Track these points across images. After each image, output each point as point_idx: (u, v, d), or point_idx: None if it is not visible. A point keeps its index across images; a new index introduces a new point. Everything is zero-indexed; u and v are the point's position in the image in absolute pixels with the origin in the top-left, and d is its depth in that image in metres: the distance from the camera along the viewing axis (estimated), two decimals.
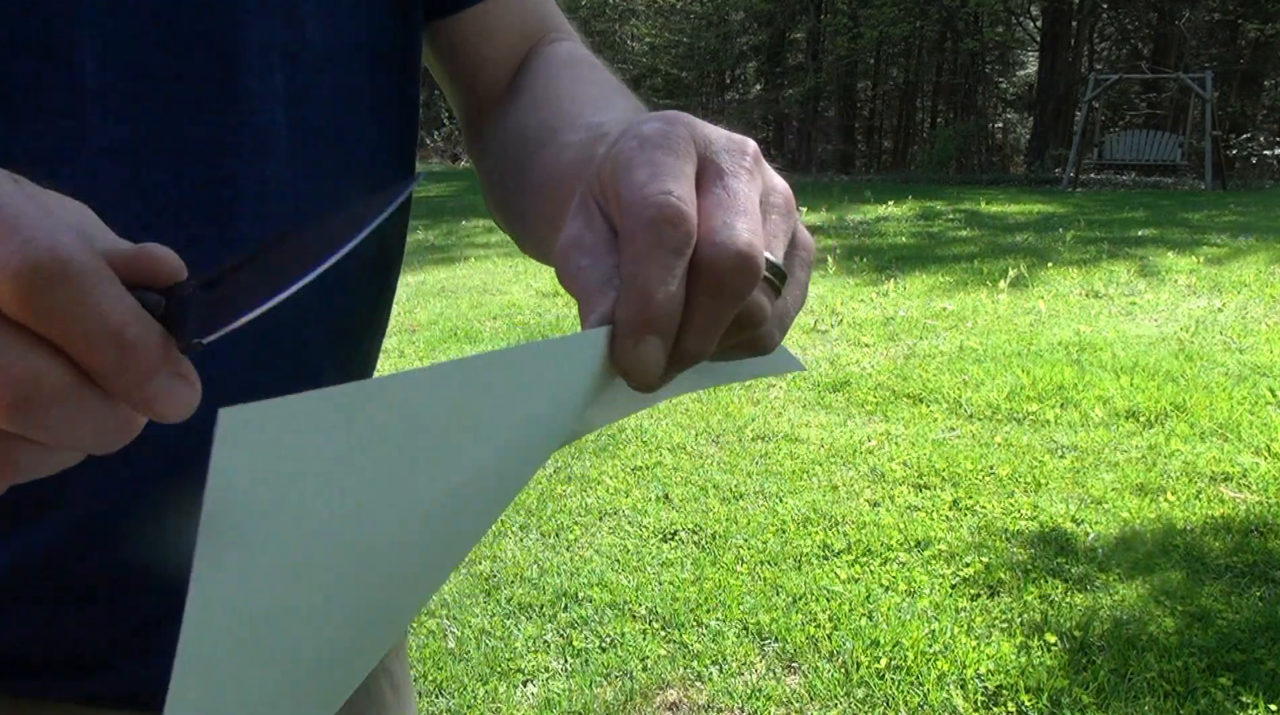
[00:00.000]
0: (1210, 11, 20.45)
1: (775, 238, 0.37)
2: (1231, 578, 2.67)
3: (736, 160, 0.37)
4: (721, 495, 3.28)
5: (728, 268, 0.33)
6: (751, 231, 0.34)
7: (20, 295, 0.25)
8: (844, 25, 21.52)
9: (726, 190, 0.35)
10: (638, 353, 0.33)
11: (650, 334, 0.33)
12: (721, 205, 0.35)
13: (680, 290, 0.33)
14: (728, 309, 0.34)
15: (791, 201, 0.39)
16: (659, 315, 0.33)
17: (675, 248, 0.33)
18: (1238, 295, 6.15)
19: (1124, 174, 16.54)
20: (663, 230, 0.33)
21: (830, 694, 2.19)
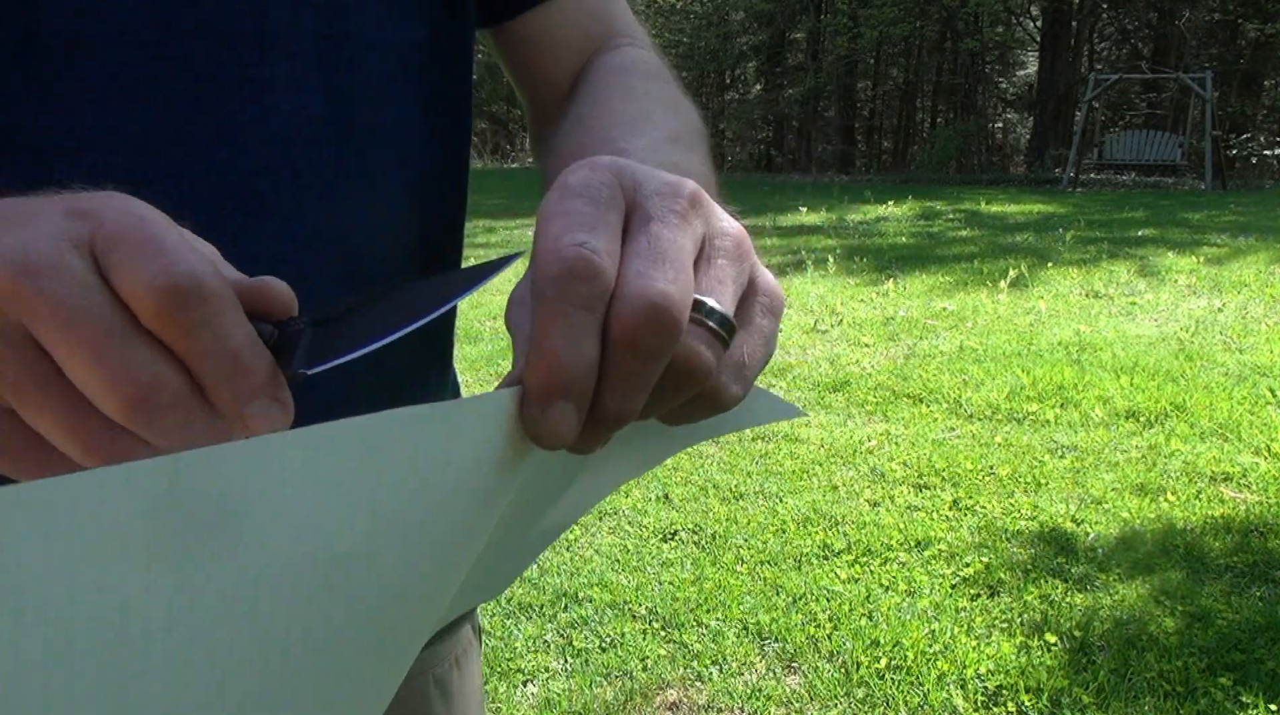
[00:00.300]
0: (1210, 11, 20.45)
1: (721, 284, 0.34)
2: (1231, 578, 2.67)
3: (666, 204, 0.34)
4: (721, 495, 3.28)
5: (637, 322, 0.31)
6: (670, 280, 0.31)
7: (159, 309, 0.28)
8: (844, 25, 21.53)
9: (649, 236, 0.33)
10: (545, 418, 0.31)
11: (559, 399, 0.31)
12: (639, 254, 0.32)
13: (592, 350, 0.31)
14: (647, 366, 0.31)
15: (744, 245, 0.36)
16: (566, 379, 0.30)
17: (584, 303, 0.31)
18: (1238, 295, 6.15)
19: (1124, 174, 16.55)
20: (569, 285, 0.31)
21: (830, 694, 2.19)
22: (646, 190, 0.35)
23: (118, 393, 0.28)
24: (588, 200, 0.33)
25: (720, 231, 0.36)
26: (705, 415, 0.36)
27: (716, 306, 0.33)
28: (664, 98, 0.59)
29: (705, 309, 0.33)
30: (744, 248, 0.36)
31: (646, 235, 0.33)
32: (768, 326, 0.36)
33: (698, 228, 0.35)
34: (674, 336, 0.31)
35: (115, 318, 0.29)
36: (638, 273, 0.32)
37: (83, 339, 0.28)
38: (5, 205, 0.32)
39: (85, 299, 0.28)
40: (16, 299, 0.28)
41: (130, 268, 0.29)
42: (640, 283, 0.31)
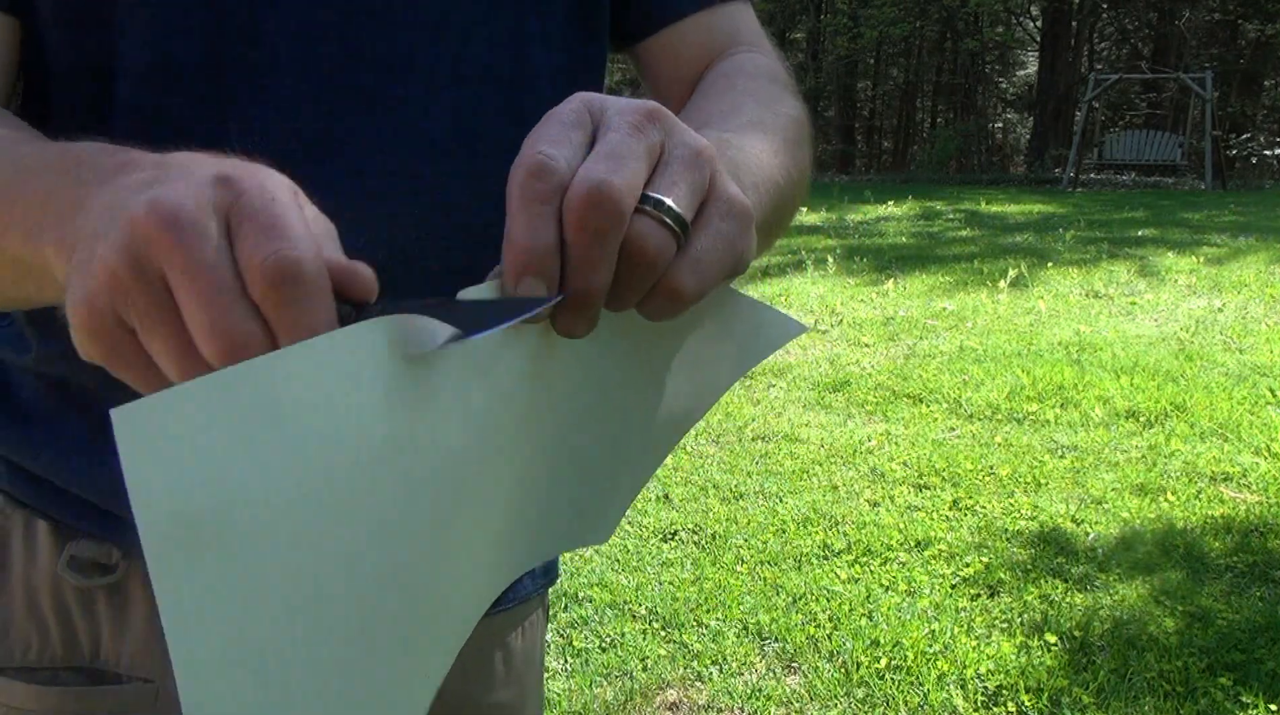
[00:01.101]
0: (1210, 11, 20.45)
1: (675, 185, 0.39)
2: (1231, 578, 2.67)
3: (624, 118, 0.39)
4: (721, 495, 3.28)
5: (581, 203, 0.36)
6: (611, 171, 0.37)
7: (263, 284, 0.33)
8: (844, 25, 21.52)
9: (603, 141, 0.38)
10: (517, 291, 0.37)
11: (527, 275, 0.37)
12: (593, 156, 0.38)
13: (549, 233, 0.37)
14: (598, 244, 0.36)
15: (704, 155, 0.40)
16: (530, 258, 0.36)
17: (540, 197, 0.37)
18: (1238, 295, 6.15)
19: (1124, 174, 16.54)
20: (527, 183, 0.37)
21: (830, 694, 2.19)
22: (610, 112, 0.40)
23: (215, 340, 0.33)
24: (555, 122, 0.39)
25: (679, 142, 0.40)
26: (669, 308, 0.40)
27: (666, 199, 0.38)
28: (759, 93, 0.64)
29: (654, 201, 0.38)
30: (703, 157, 0.40)
31: (602, 141, 0.39)
32: (726, 229, 0.40)
33: (653, 135, 0.39)
34: (615, 214, 0.36)
35: (230, 279, 0.33)
36: (587, 168, 0.37)
37: (200, 291, 0.33)
38: (175, 158, 0.39)
39: (211, 258, 0.33)
40: (160, 245, 0.33)
41: (252, 242, 0.33)
42: (586, 173, 0.37)
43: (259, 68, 0.55)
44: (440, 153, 0.59)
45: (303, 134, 0.56)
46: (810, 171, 0.64)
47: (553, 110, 0.40)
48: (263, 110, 0.56)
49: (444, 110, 0.59)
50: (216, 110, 0.55)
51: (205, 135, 0.54)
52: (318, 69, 0.56)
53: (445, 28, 0.59)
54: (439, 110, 0.59)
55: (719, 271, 0.40)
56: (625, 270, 0.38)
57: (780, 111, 0.62)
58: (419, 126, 0.59)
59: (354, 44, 0.57)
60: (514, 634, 0.79)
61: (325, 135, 0.57)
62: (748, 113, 0.60)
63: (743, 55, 0.71)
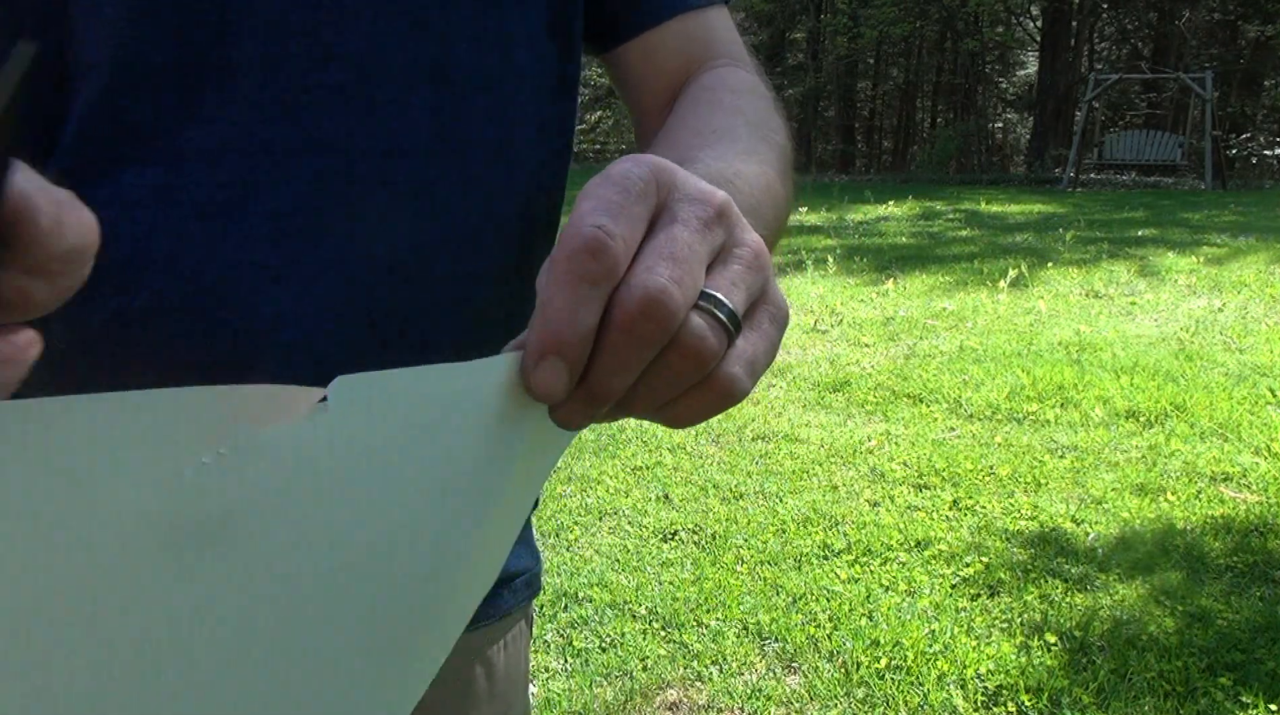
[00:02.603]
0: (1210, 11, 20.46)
1: (734, 286, 0.37)
2: (1231, 578, 2.67)
3: (692, 210, 0.37)
4: (721, 495, 3.28)
5: (635, 308, 0.34)
6: (674, 278, 0.34)
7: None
8: (844, 25, 21.53)
9: (667, 235, 0.36)
10: (537, 372, 0.34)
11: (552, 355, 0.34)
12: (654, 249, 0.35)
13: (589, 318, 0.34)
14: (638, 351, 0.34)
15: (762, 258, 0.39)
16: (561, 339, 0.34)
17: (590, 278, 0.34)
18: (1238, 295, 6.15)
19: (1124, 174, 16.55)
20: (580, 258, 0.34)
21: (830, 694, 2.19)
22: (679, 194, 0.37)
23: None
24: (620, 189, 0.36)
25: (741, 242, 0.38)
26: (712, 409, 0.38)
27: (725, 300, 0.36)
28: (748, 111, 0.63)
29: (714, 301, 0.36)
30: (762, 261, 0.39)
31: (667, 234, 0.36)
32: (772, 333, 0.39)
33: (718, 235, 0.37)
34: (667, 328, 0.34)
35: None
36: (647, 267, 0.35)
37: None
38: None
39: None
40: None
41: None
42: (645, 276, 0.34)
43: (226, 67, 0.53)
44: (418, 155, 0.57)
45: (270, 135, 0.54)
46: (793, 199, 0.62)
47: (617, 170, 0.37)
48: (229, 111, 0.53)
49: (421, 111, 0.57)
50: (180, 112, 0.53)
51: (166, 137, 0.53)
52: (287, 68, 0.54)
53: (423, 27, 0.57)
54: (416, 111, 0.57)
55: (763, 372, 0.39)
56: (672, 364, 0.36)
57: (772, 140, 0.61)
58: (394, 128, 0.56)
59: (326, 42, 0.54)
60: (495, 649, 0.76)
61: (294, 137, 0.54)
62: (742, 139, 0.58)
63: (726, 69, 0.70)
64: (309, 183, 0.55)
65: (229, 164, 0.53)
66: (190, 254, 0.53)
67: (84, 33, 0.52)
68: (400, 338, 0.58)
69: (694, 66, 0.70)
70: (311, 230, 0.55)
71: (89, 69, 0.52)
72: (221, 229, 0.53)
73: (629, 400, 0.37)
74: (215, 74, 0.53)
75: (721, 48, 0.72)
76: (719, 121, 0.61)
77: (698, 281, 0.36)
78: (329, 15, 0.54)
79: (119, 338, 0.54)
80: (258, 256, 0.54)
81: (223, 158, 0.53)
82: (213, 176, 0.53)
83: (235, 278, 0.54)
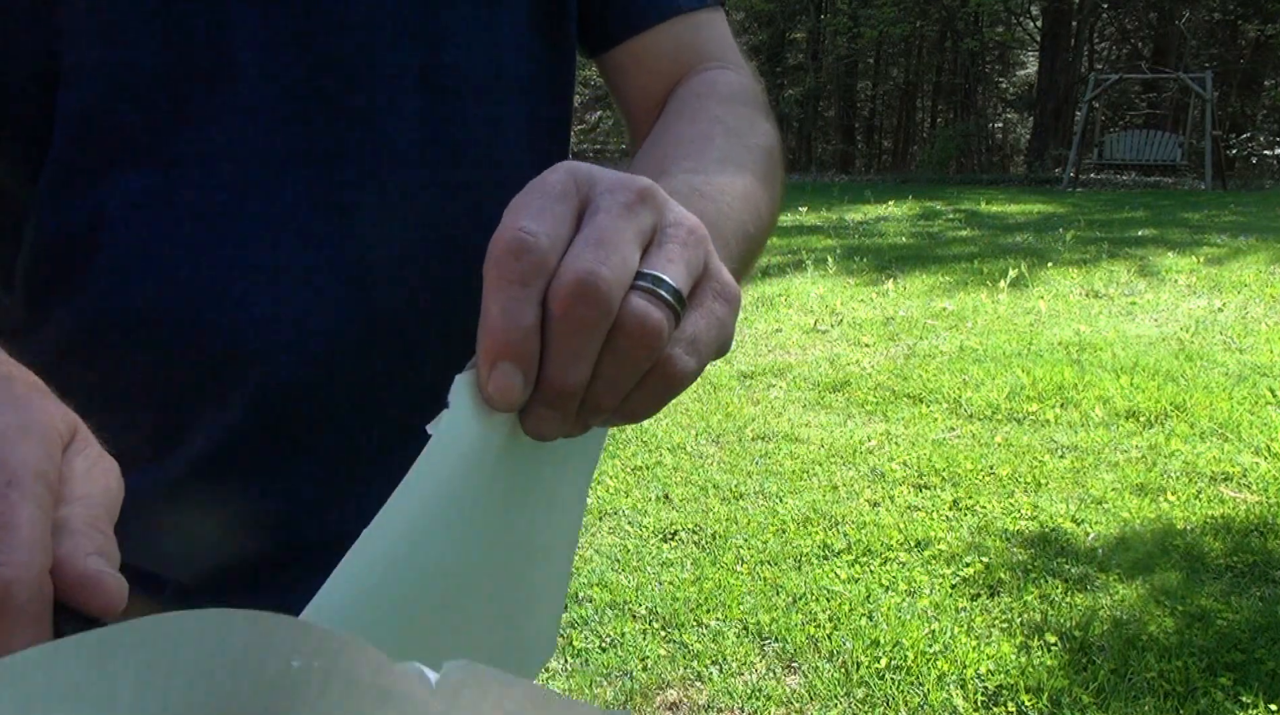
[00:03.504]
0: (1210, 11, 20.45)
1: (671, 262, 0.37)
2: (1231, 578, 2.67)
3: (614, 197, 0.37)
4: (721, 495, 3.28)
5: (567, 294, 0.34)
6: (601, 260, 0.35)
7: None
8: (844, 25, 21.52)
9: (591, 224, 0.36)
10: (492, 379, 0.35)
11: (501, 360, 0.35)
12: (580, 239, 0.36)
13: (527, 318, 0.35)
14: (581, 337, 0.35)
15: (697, 234, 0.39)
16: (504, 342, 0.34)
17: (519, 278, 0.34)
18: (1238, 295, 6.15)
19: (1124, 174, 16.54)
20: (506, 262, 0.35)
21: (830, 694, 2.19)
22: (599, 188, 0.38)
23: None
24: (539, 194, 0.37)
25: (673, 221, 0.39)
26: (662, 395, 0.38)
27: (665, 277, 0.37)
28: (728, 120, 0.63)
29: (652, 278, 0.36)
30: (697, 237, 0.39)
31: (591, 224, 0.36)
32: (719, 310, 0.39)
33: (645, 218, 0.38)
34: (603, 307, 0.35)
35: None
36: (575, 255, 0.35)
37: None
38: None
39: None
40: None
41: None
42: (573, 263, 0.35)
43: (217, 74, 0.53)
44: (408, 163, 0.57)
45: (264, 141, 0.54)
46: (781, 200, 0.62)
47: (536, 179, 0.38)
48: (223, 116, 0.53)
49: (410, 119, 0.57)
50: (170, 120, 0.52)
51: (156, 146, 0.53)
52: (278, 76, 0.54)
53: (411, 34, 0.57)
54: (404, 119, 0.57)
55: (711, 353, 0.39)
56: (624, 351, 0.36)
57: (752, 144, 0.61)
58: (383, 136, 0.56)
59: (317, 50, 0.54)
60: None
61: (287, 142, 0.54)
62: (718, 147, 0.58)
63: (714, 73, 0.70)
64: (302, 187, 0.55)
65: (223, 168, 0.53)
66: (185, 258, 0.53)
67: (73, 34, 0.51)
68: (393, 340, 0.58)
69: (685, 69, 0.70)
70: (305, 234, 0.55)
71: (80, 70, 0.52)
72: (216, 233, 0.53)
73: (592, 399, 0.37)
74: (208, 79, 0.53)
75: (713, 50, 0.72)
76: (698, 130, 0.61)
77: (628, 261, 0.36)
78: (321, 23, 0.54)
79: (114, 340, 0.54)
80: (252, 260, 0.54)
81: (217, 162, 0.53)
82: (207, 181, 0.53)
83: (230, 281, 0.54)
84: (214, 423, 0.56)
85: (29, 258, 0.55)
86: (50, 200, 0.53)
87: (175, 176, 0.53)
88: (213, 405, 0.56)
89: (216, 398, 0.56)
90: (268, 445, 0.57)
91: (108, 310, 0.54)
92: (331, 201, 0.55)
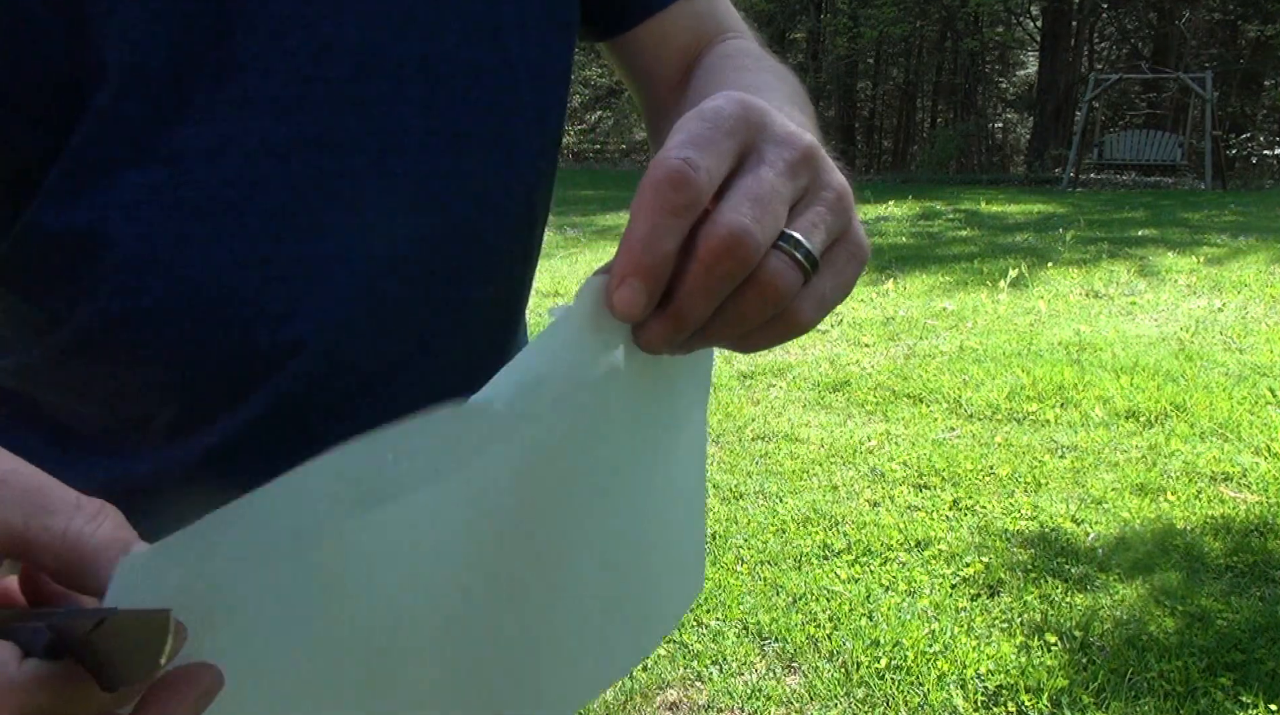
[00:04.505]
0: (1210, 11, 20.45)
1: (815, 227, 0.39)
2: (1231, 578, 2.67)
3: (778, 152, 0.38)
4: (721, 495, 3.28)
5: (716, 245, 0.36)
6: (754, 218, 0.36)
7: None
8: (844, 25, 21.51)
9: (753, 175, 0.37)
10: (619, 292, 0.37)
11: (632, 277, 0.36)
12: (739, 188, 0.37)
13: (668, 245, 0.36)
14: (718, 283, 0.36)
15: (845, 201, 0.41)
16: (642, 263, 0.36)
17: (673, 208, 0.36)
18: (1238, 295, 6.15)
19: (1124, 174, 16.54)
20: (664, 189, 0.36)
21: (830, 694, 2.19)
22: (767, 135, 0.39)
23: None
24: (710, 125, 0.37)
25: (825, 184, 0.40)
26: (779, 338, 0.40)
27: (804, 241, 0.38)
28: (774, 70, 0.65)
29: (793, 242, 0.38)
30: (845, 203, 0.41)
31: (754, 174, 0.38)
32: (848, 272, 0.42)
33: (802, 178, 0.39)
34: (745, 265, 0.36)
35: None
36: (730, 204, 0.37)
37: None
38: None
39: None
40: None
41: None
42: (730, 214, 0.36)
43: (225, 65, 0.52)
44: (414, 149, 0.57)
45: (269, 133, 0.53)
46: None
47: (710, 104, 0.38)
48: (228, 110, 0.53)
49: (413, 106, 0.57)
50: (179, 112, 0.52)
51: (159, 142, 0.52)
52: (285, 63, 0.53)
53: (412, 21, 0.56)
54: (408, 106, 0.57)
55: (834, 307, 0.41)
56: (750, 300, 0.38)
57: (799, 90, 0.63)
58: (388, 122, 0.56)
59: (324, 35, 0.54)
60: None
61: (292, 134, 0.54)
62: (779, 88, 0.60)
63: (734, 41, 0.71)
64: (308, 179, 0.54)
65: (229, 162, 0.53)
66: (192, 253, 0.53)
67: (99, 36, 0.51)
68: (405, 328, 0.58)
69: (704, 42, 0.71)
70: (312, 226, 0.55)
71: (103, 71, 0.52)
72: (223, 227, 0.53)
73: (709, 329, 0.39)
74: (213, 73, 0.52)
75: (727, 23, 0.73)
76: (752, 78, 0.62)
77: (779, 222, 0.38)
78: (324, 9, 0.54)
79: (124, 339, 0.54)
80: (259, 254, 0.54)
81: (222, 156, 0.53)
82: (213, 175, 0.53)
83: (238, 277, 0.54)
84: (229, 417, 0.56)
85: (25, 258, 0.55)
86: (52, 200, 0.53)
87: (179, 172, 0.53)
88: (227, 400, 0.56)
89: (231, 393, 0.56)
90: (282, 437, 0.57)
91: (117, 312, 0.53)
92: (337, 192, 0.55)
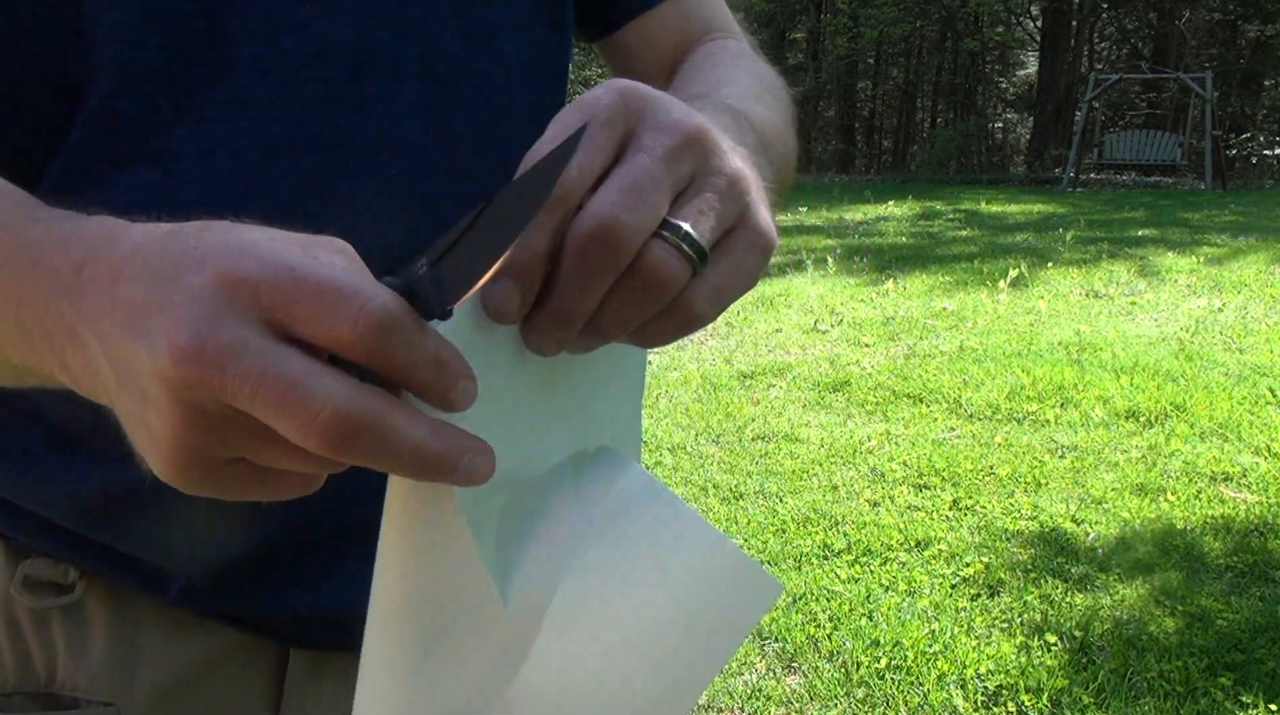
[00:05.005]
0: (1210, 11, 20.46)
1: (702, 214, 0.37)
2: (1231, 578, 2.67)
3: (658, 138, 0.37)
4: (721, 495, 3.28)
5: (587, 237, 0.35)
6: (625, 207, 0.35)
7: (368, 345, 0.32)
8: (844, 25, 21.51)
9: (629, 164, 0.36)
10: (490, 291, 0.36)
11: (504, 278, 0.36)
12: (614, 178, 0.36)
13: (540, 244, 0.36)
14: (593, 276, 0.36)
15: (739, 186, 0.39)
16: (511, 261, 0.36)
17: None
18: (1238, 295, 6.15)
19: (1124, 174, 16.54)
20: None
21: (830, 694, 2.19)
22: (649, 122, 0.38)
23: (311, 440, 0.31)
24: (583, 115, 0.37)
25: (714, 169, 0.38)
26: (673, 333, 0.39)
27: (690, 230, 0.37)
28: (750, 68, 0.65)
29: (676, 230, 0.36)
30: (738, 188, 0.39)
31: (630, 163, 0.36)
32: (750, 261, 0.40)
33: (685, 164, 0.38)
34: (619, 256, 0.35)
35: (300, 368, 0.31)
36: (602, 197, 0.36)
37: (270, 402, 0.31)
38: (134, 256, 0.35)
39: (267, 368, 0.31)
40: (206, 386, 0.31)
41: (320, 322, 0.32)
42: (597, 205, 0.35)
43: (219, 65, 0.52)
44: (409, 147, 0.57)
45: (264, 133, 0.53)
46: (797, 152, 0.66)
47: (587, 97, 0.38)
48: (222, 110, 0.53)
49: (410, 106, 0.57)
50: (173, 112, 0.52)
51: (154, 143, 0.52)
52: (280, 64, 0.53)
53: (408, 21, 0.57)
54: (405, 104, 0.57)
55: (733, 299, 0.40)
56: (633, 291, 0.37)
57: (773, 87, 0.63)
58: (384, 121, 0.56)
59: (318, 35, 0.54)
60: None
61: (287, 133, 0.54)
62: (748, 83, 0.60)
63: (721, 40, 0.71)
64: (303, 178, 0.54)
65: (223, 162, 0.53)
66: None
67: (94, 36, 0.52)
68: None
69: (691, 41, 0.72)
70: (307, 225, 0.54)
71: (98, 72, 0.52)
72: None
73: (598, 324, 0.38)
74: (208, 73, 0.52)
75: (716, 23, 0.73)
76: (724, 73, 0.62)
77: (659, 210, 0.36)
78: (319, 9, 0.54)
79: None
80: None
81: (217, 156, 0.53)
82: (208, 175, 0.53)
83: None
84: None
85: None
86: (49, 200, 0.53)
87: (174, 173, 0.53)
88: None
89: None
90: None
91: None
92: (333, 191, 0.55)
